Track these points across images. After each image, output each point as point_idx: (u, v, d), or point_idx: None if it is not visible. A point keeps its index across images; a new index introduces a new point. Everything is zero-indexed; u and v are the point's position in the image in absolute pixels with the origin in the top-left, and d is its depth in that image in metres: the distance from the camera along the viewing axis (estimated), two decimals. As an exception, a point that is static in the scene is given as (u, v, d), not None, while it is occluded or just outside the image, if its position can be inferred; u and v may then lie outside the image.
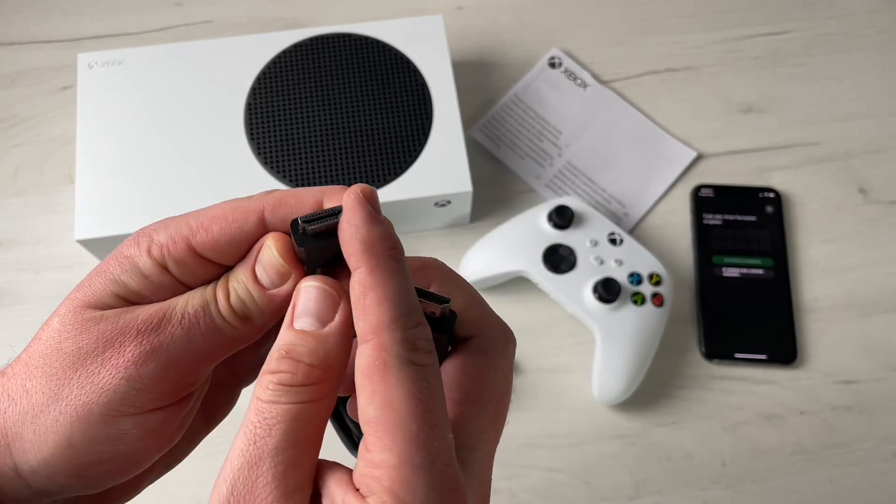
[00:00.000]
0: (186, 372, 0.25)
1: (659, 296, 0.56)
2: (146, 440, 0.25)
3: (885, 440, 0.56)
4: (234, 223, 0.26)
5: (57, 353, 0.24)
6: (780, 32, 0.71)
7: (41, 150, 0.65)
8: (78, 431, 0.24)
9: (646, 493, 0.55)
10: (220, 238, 0.25)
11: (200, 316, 0.25)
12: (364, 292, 0.22)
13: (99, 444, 0.24)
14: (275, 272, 0.25)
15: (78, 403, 0.24)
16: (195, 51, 0.61)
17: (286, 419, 0.22)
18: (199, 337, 0.25)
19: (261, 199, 0.26)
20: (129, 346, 0.24)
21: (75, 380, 0.24)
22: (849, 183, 0.65)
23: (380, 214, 0.24)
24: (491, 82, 0.68)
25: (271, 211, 0.26)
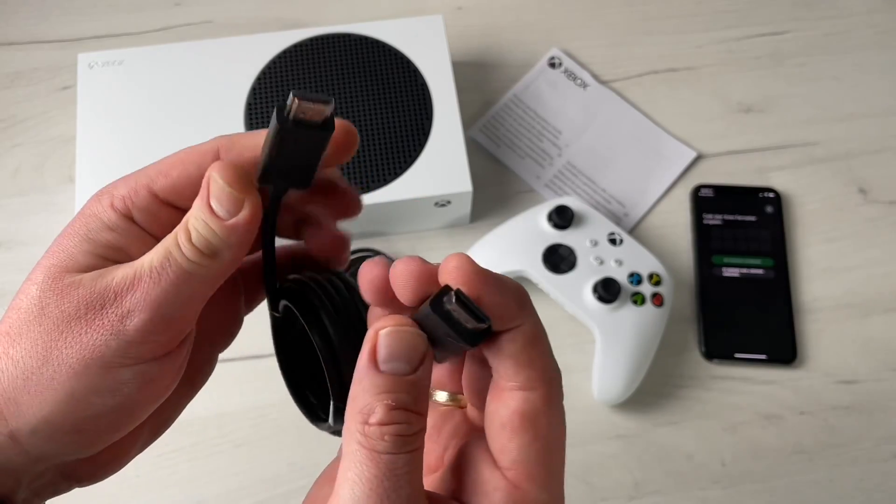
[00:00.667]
0: (172, 320, 0.25)
1: (659, 296, 0.56)
2: (145, 390, 0.25)
3: (885, 440, 0.56)
4: (191, 165, 0.26)
5: (39, 319, 0.25)
6: (780, 32, 0.71)
7: (41, 149, 0.65)
8: (79, 385, 0.24)
9: (646, 492, 0.55)
10: (180, 180, 0.26)
11: (167, 265, 0.25)
12: (533, 343, 0.23)
13: (100, 395, 0.25)
14: (229, 201, 0.25)
15: (72, 361, 0.24)
16: (195, 51, 0.61)
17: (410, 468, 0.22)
18: (172, 285, 0.25)
19: (215, 140, 0.27)
20: (111, 308, 0.24)
21: (63, 341, 0.24)
22: (849, 183, 0.65)
23: None
24: (491, 82, 0.68)
25: (226, 150, 0.27)
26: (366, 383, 0.23)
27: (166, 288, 0.25)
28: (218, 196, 0.25)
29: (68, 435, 0.25)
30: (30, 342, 0.25)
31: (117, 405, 0.25)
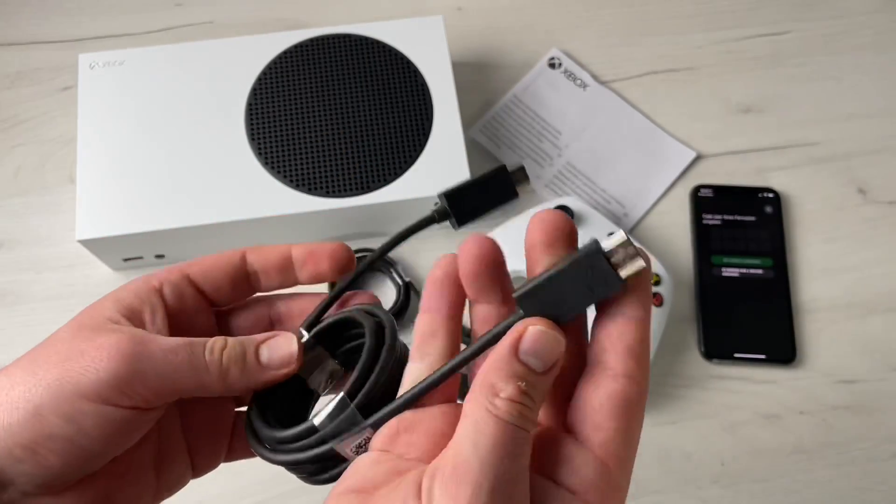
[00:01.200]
0: (150, 386, 0.28)
1: (658, 295, 0.56)
2: (100, 429, 0.27)
3: (885, 440, 0.56)
4: (222, 258, 0.32)
5: (45, 350, 0.28)
6: (779, 33, 0.71)
7: (42, 150, 0.65)
8: (47, 400, 0.27)
9: (645, 492, 0.55)
10: (209, 268, 0.32)
11: (183, 350, 0.29)
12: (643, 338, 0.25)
13: (60, 417, 0.27)
14: (283, 361, 0.30)
15: (51, 378, 0.27)
16: (196, 51, 0.61)
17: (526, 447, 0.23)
18: (174, 365, 0.28)
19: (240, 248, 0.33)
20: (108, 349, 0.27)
21: (53, 364, 0.27)
22: (848, 183, 0.65)
23: None
24: (491, 83, 0.69)
25: (251, 252, 0.33)
26: (504, 366, 0.24)
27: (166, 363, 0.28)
28: (277, 351, 0.31)
29: (24, 450, 0.26)
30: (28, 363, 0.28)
31: (73, 433, 0.27)
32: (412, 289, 0.59)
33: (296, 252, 0.33)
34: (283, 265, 0.33)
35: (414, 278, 0.61)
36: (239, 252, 0.33)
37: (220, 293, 0.32)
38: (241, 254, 0.33)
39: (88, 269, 0.60)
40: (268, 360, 0.30)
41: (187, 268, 0.32)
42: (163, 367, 0.28)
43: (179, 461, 0.33)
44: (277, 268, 0.33)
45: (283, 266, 0.33)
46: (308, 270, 0.33)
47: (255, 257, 0.33)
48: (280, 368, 0.30)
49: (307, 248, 0.33)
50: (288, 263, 0.33)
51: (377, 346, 0.29)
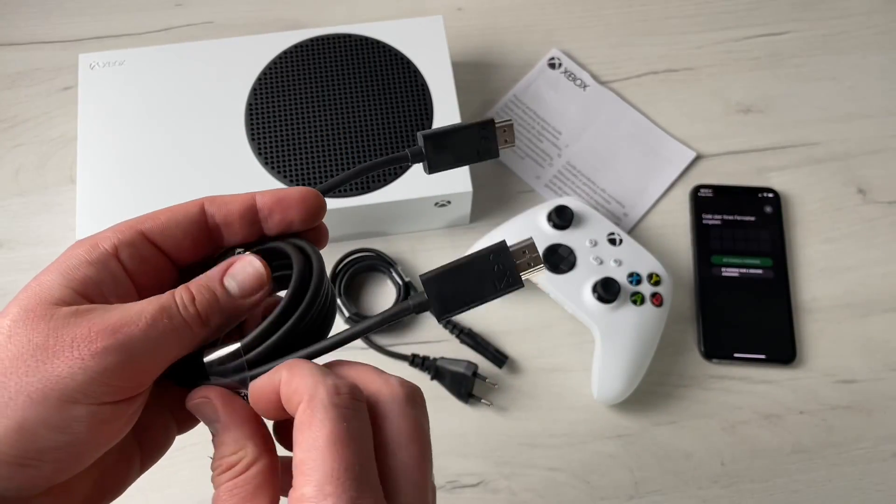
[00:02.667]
0: (141, 369, 0.26)
1: (658, 295, 0.56)
2: (94, 431, 0.25)
3: (884, 440, 0.57)
4: (178, 212, 0.29)
5: (5, 346, 0.25)
6: (779, 33, 0.71)
7: (42, 150, 0.65)
8: (31, 414, 0.24)
9: (645, 492, 0.55)
10: (168, 222, 0.28)
11: (160, 319, 0.26)
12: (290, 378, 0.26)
13: (50, 429, 0.24)
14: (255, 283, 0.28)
15: (31, 389, 0.24)
16: (196, 51, 0.61)
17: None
18: (158, 338, 0.26)
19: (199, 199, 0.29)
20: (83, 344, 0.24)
21: (25, 368, 0.24)
22: (847, 183, 0.65)
23: None
24: (491, 83, 0.69)
25: (209, 202, 0.29)
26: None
27: (150, 339, 0.25)
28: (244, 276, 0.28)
29: (11, 467, 0.24)
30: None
31: (65, 443, 0.25)
32: (412, 289, 0.60)
33: (261, 200, 0.29)
34: (248, 215, 0.29)
35: (414, 278, 0.61)
36: (196, 203, 0.29)
37: (180, 251, 0.29)
38: (198, 205, 0.29)
39: (88, 269, 0.60)
40: (238, 289, 0.28)
41: (140, 224, 0.28)
42: (148, 345, 0.25)
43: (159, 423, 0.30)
44: (241, 219, 0.29)
45: (247, 216, 0.29)
46: (276, 220, 0.30)
47: (216, 208, 0.29)
48: (254, 293, 0.28)
49: (274, 195, 0.29)
50: (252, 213, 0.29)
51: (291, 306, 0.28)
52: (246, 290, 0.28)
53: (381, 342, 0.58)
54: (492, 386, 0.57)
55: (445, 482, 0.55)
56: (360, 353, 0.58)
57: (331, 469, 0.23)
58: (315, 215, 0.30)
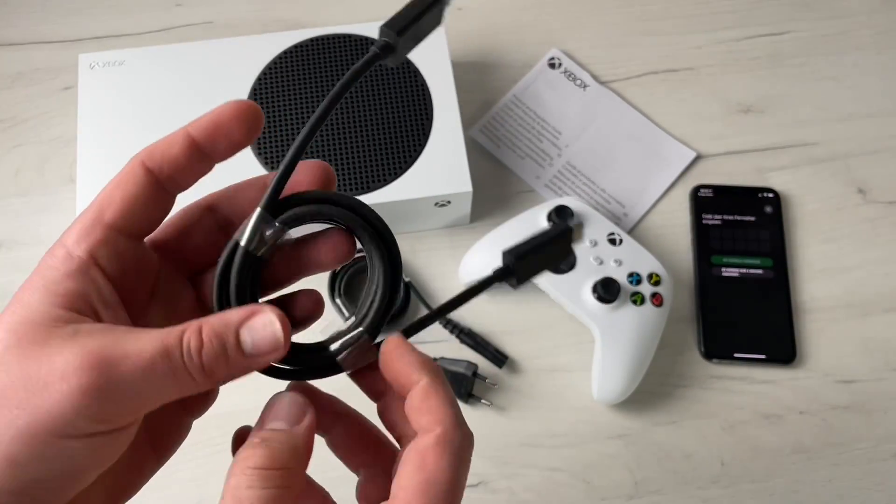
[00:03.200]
0: (135, 407, 0.25)
1: (658, 296, 0.56)
2: (89, 458, 0.25)
3: (884, 440, 0.57)
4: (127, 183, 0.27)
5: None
6: (779, 33, 0.71)
7: (42, 150, 0.65)
8: (23, 449, 0.23)
9: (645, 492, 0.55)
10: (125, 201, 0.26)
11: (159, 363, 0.24)
12: (429, 395, 0.27)
13: (42, 461, 0.23)
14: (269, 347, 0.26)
15: (20, 423, 0.23)
16: (196, 51, 0.61)
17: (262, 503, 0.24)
18: (154, 380, 0.24)
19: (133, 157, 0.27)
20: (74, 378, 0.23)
21: (15, 401, 0.23)
22: (848, 183, 0.65)
23: None
24: (491, 83, 0.69)
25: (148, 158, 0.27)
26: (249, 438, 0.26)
27: (146, 380, 0.24)
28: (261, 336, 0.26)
29: (13, 496, 0.24)
30: None
31: (61, 472, 0.24)
32: (412, 289, 0.60)
33: (196, 133, 0.27)
34: (192, 154, 0.28)
35: (414, 278, 0.61)
36: (135, 165, 0.27)
37: (150, 221, 0.28)
38: (139, 166, 0.27)
39: (88, 269, 0.60)
40: (252, 348, 0.26)
41: (101, 214, 0.26)
42: (143, 387, 0.24)
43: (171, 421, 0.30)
44: (188, 159, 0.27)
45: (192, 155, 0.28)
46: (222, 147, 0.28)
47: (157, 163, 0.27)
48: (267, 355, 0.26)
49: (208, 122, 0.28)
50: (195, 152, 0.28)
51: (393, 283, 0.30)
52: (259, 350, 0.26)
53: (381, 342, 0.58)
54: (492, 386, 0.57)
55: (445, 482, 0.55)
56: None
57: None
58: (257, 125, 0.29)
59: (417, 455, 0.26)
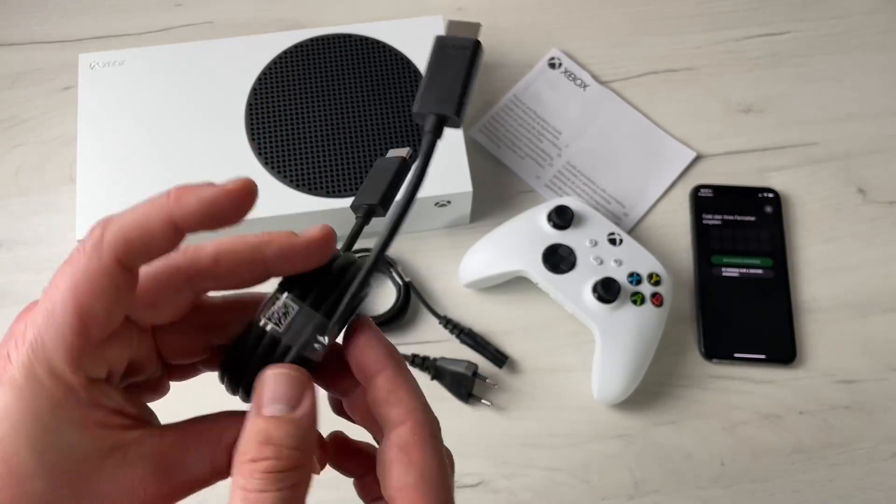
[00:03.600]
0: None
1: (658, 295, 0.56)
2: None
3: (885, 440, 0.56)
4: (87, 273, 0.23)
5: None
6: (779, 33, 0.71)
7: (42, 150, 0.65)
8: None
9: (645, 492, 0.55)
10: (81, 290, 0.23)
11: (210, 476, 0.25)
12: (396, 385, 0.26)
13: None
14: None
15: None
16: (196, 51, 0.61)
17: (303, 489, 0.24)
18: None
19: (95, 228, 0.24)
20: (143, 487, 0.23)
21: None
22: (848, 183, 0.65)
23: None
24: (491, 83, 0.69)
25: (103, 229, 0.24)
26: (248, 428, 0.24)
27: None
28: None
29: None
30: None
31: None
32: (412, 289, 0.60)
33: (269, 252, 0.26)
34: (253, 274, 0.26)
35: (414, 278, 0.61)
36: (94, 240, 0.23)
37: None
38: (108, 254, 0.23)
39: (88, 269, 0.60)
40: None
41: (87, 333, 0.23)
42: None
43: None
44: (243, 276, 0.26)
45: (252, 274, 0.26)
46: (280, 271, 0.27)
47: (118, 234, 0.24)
48: None
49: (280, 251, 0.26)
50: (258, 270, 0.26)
51: None
52: None
53: (381, 342, 0.58)
54: (492, 386, 0.57)
55: (445, 482, 0.55)
56: (360, 353, 0.58)
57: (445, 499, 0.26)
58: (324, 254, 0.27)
59: (401, 452, 0.26)
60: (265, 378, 0.25)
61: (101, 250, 0.22)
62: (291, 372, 0.25)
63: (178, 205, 0.25)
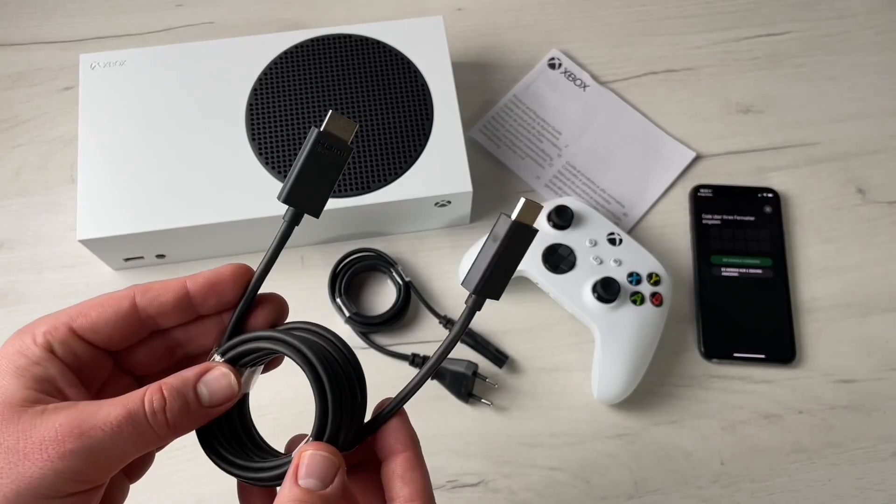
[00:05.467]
0: (106, 467, 0.28)
1: (658, 295, 0.56)
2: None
3: (884, 439, 0.57)
4: (109, 307, 0.30)
5: None
6: (778, 33, 0.71)
7: (43, 150, 0.65)
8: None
9: (645, 491, 0.55)
10: (99, 320, 0.30)
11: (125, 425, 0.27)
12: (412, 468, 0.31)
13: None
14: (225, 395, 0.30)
15: (6, 490, 0.26)
16: (197, 51, 0.61)
17: None
18: (123, 442, 0.27)
19: (130, 288, 0.31)
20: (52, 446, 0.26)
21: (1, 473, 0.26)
22: (847, 183, 0.65)
23: None
24: (491, 83, 0.69)
25: (141, 295, 0.30)
26: (285, 492, 0.28)
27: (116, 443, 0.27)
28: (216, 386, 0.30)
29: None
30: None
31: None
32: (412, 289, 0.60)
33: (193, 287, 0.31)
34: (181, 305, 0.31)
35: (414, 278, 0.61)
36: (128, 296, 0.30)
37: (112, 342, 0.31)
38: (130, 298, 0.30)
39: (89, 270, 0.61)
40: (209, 399, 0.30)
41: (71, 321, 0.30)
42: (112, 449, 0.27)
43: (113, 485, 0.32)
44: (175, 308, 0.31)
45: (181, 306, 0.31)
46: (211, 304, 0.31)
47: (148, 302, 0.30)
48: (223, 403, 0.30)
49: (206, 281, 0.31)
50: (185, 302, 0.31)
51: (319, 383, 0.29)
52: (216, 400, 0.30)
53: (381, 342, 0.59)
54: (492, 385, 0.57)
55: (445, 482, 0.55)
56: (361, 352, 0.58)
57: None
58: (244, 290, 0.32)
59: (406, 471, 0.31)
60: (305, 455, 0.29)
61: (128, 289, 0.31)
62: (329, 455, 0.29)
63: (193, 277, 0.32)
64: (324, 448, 0.29)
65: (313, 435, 0.30)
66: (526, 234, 0.30)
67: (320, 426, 0.29)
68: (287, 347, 0.30)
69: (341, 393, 0.30)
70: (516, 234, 0.29)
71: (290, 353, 0.30)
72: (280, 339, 0.30)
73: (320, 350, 0.30)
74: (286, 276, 0.59)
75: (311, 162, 0.31)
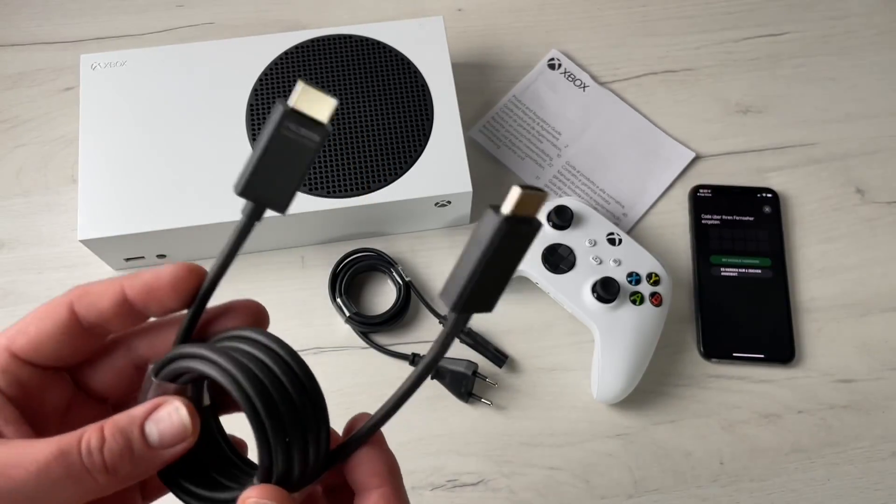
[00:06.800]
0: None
1: (657, 295, 0.56)
2: None
3: (883, 439, 0.57)
4: (47, 319, 0.27)
5: None
6: (778, 33, 0.71)
7: (44, 150, 0.65)
8: None
9: (644, 491, 0.55)
10: (39, 336, 0.27)
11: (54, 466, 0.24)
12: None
13: None
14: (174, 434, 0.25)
15: None
16: (197, 52, 0.61)
17: None
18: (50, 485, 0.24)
19: (67, 293, 0.27)
20: None
21: None
22: (846, 183, 0.65)
23: None
24: (491, 83, 0.69)
25: (77, 300, 0.27)
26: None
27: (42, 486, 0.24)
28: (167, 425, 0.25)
29: None
30: None
31: None
32: (412, 288, 0.60)
33: (131, 292, 0.27)
34: (122, 311, 0.27)
35: (414, 278, 0.61)
36: (64, 303, 0.27)
37: (60, 359, 0.27)
38: (67, 305, 0.27)
39: (90, 270, 0.61)
40: (159, 440, 0.25)
41: (10, 343, 0.26)
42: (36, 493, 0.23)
43: None
44: (117, 315, 0.27)
45: (121, 312, 0.27)
46: (154, 308, 0.27)
47: (85, 309, 0.27)
48: (175, 445, 0.25)
49: (144, 286, 0.27)
50: (126, 308, 0.27)
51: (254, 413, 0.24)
52: (166, 441, 0.25)
53: (381, 342, 0.59)
54: (492, 385, 0.57)
55: (445, 481, 0.55)
56: (361, 352, 0.58)
57: None
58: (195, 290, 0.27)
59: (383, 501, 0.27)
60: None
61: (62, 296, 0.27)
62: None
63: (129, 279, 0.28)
64: (269, 494, 0.25)
65: (259, 476, 0.25)
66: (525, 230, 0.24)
67: (265, 465, 0.25)
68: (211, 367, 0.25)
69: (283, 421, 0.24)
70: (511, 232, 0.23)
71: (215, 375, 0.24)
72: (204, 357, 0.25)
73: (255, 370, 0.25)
74: (286, 276, 0.59)
75: (276, 146, 0.25)
